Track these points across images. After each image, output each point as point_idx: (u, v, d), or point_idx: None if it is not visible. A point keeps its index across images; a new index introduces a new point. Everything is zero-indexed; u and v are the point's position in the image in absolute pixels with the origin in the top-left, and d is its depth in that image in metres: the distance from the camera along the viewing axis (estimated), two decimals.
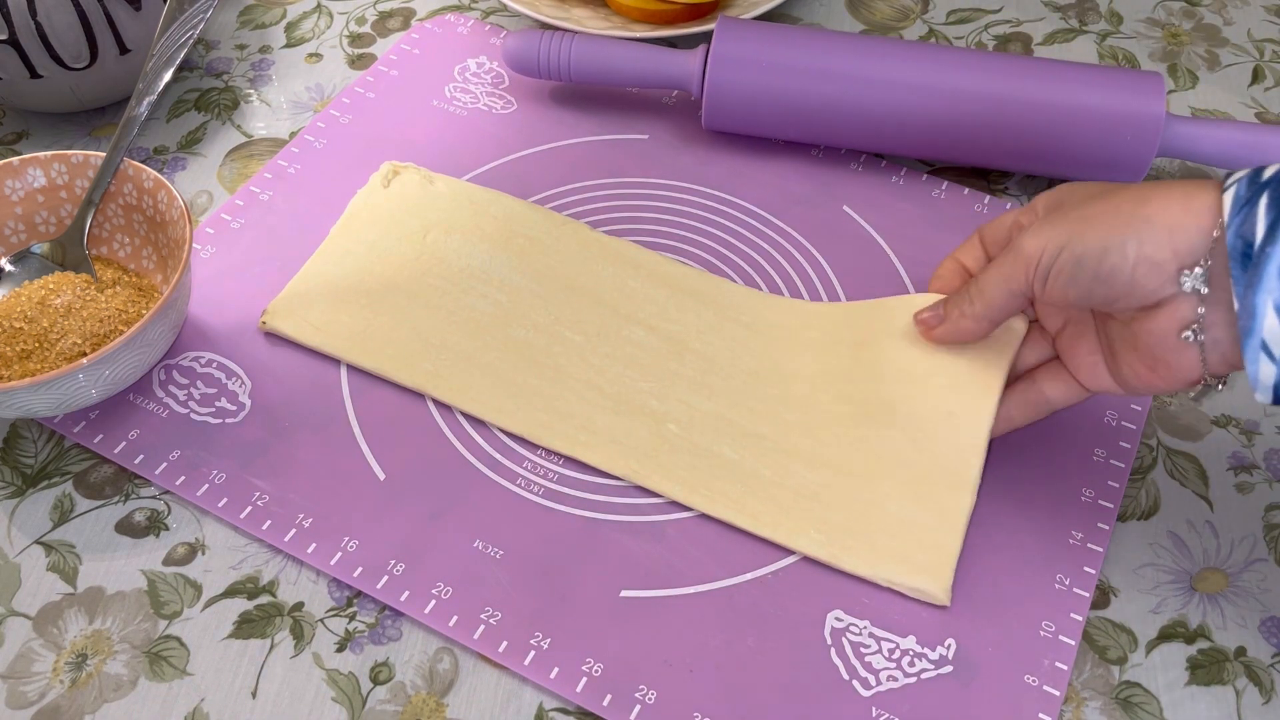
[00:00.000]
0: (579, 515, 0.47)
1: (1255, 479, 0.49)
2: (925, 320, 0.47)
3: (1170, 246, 0.38)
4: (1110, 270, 0.39)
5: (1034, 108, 0.55)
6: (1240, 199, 0.36)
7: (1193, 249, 0.37)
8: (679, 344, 0.52)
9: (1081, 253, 0.40)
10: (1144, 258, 0.38)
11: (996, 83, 0.56)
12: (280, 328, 0.52)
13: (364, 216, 0.57)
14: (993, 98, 0.56)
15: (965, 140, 0.57)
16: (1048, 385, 0.45)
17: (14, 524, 0.47)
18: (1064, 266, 0.40)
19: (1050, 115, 0.55)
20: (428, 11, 0.70)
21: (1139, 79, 0.56)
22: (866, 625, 0.44)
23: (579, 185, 0.60)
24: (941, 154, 0.58)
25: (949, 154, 0.58)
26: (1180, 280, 0.38)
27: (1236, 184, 0.37)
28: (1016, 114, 0.56)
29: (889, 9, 0.70)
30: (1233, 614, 0.45)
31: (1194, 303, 0.38)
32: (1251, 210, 0.36)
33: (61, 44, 0.57)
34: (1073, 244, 0.40)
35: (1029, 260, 0.41)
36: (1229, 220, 0.36)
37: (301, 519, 0.47)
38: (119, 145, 0.52)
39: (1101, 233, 0.39)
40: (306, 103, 0.65)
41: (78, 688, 0.43)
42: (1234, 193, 0.37)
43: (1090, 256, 0.39)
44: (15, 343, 0.48)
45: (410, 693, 0.43)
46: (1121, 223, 0.39)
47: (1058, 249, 0.40)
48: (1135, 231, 0.38)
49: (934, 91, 0.56)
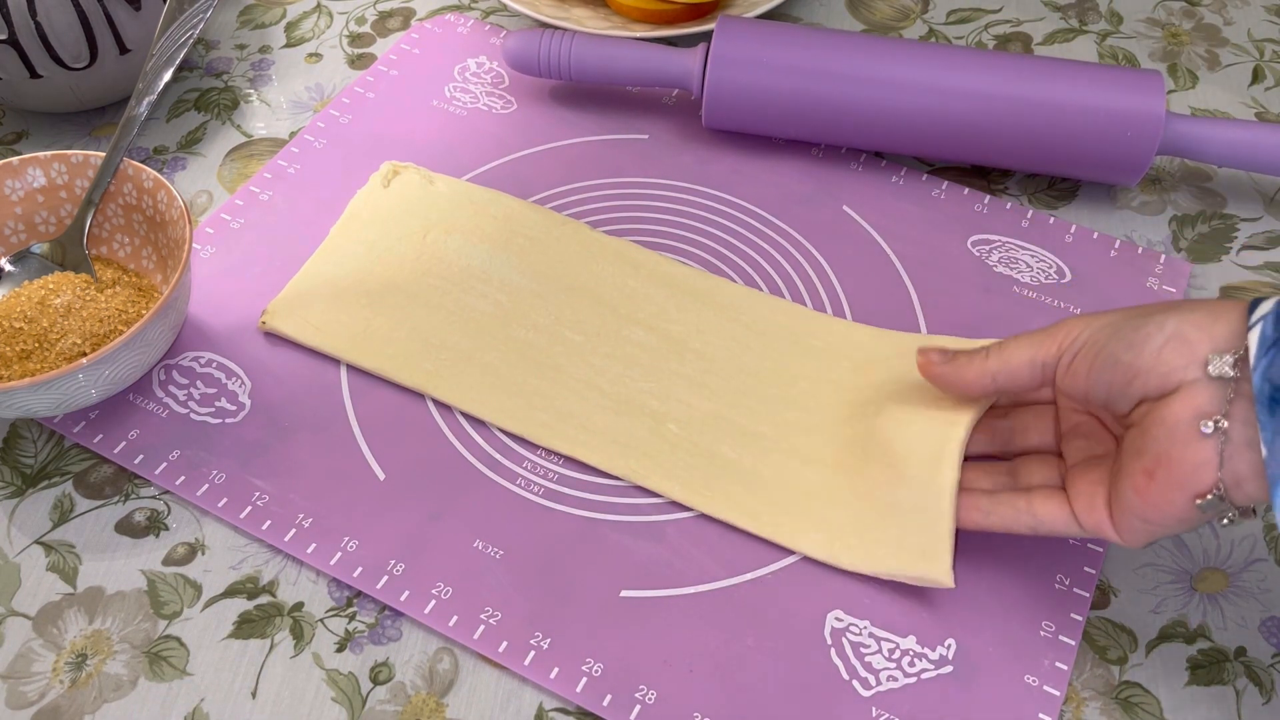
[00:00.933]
0: (579, 515, 0.47)
1: None
2: (930, 357, 0.44)
3: (1208, 331, 0.37)
4: (1143, 339, 0.38)
5: (1034, 106, 0.55)
6: (1267, 339, 0.35)
7: (1229, 338, 0.36)
8: (679, 344, 0.52)
9: (1121, 322, 0.39)
10: (1178, 333, 0.37)
11: (996, 81, 0.56)
12: (280, 328, 0.52)
13: (364, 216, 0.57)
14: (992, 96, 0.56)
15: (965, 139, 0.57)
16: (1040, 504, 0.42)
17: (14, 524, 0.47)
18: (1097, 338, 0.39)
19: (1051, 114, 0.55)
20: (428, 11, 0.70)
21: (1139, 77, 0.55)
22: (866, 625, 0.44)
23: (579, 185, 0.60)
24: (942, 153, 0.58)
25: (949, 153, 0.58)
26: (1208, 364, 0.36)
27: (1262, 322, 0.35)
28: (1017, 113, 0.55)
29: (889, 9, 0.70)
30: (1233, 614, 0.45)
31: (1216, 393, 0.36)
32: (1278, 352, 0.35)
33: (61, 44, 0.57)
34: (1115, 320, 0.39)
35: (1066, 333, 0.40)
36: (1255, 363, 0.35)
37: (301, 519, 0.47)
38: (119, 145, 0.52)
39: (1144, 311, 0.39)
40: (306, 103, 0.65)
41: (78, 688, 0.43)
42: (1260, 332, 0.35)
43: (1128, 326, 0.38)
44: (15, 343, 0.48)
45: (410, 693, 0.43)
46: (1163, 307, 0.38)
47: (1099, 327, 0.40)
48: (1176, 309, 0.38)
49: (934, 90, 0.56)
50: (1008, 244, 0.57)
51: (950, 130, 0.56)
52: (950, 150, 0.58)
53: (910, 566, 0.43)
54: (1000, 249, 0.56)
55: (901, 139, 0.58)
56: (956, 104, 0.56)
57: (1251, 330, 0.35)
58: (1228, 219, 0.59)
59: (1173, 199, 0.60)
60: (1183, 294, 0.55)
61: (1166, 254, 0.57)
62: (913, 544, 0.43)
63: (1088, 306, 0.54)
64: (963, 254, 0.56)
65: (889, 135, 0.58)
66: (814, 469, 0.47)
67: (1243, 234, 0.58)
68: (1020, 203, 0.59)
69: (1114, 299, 0.54)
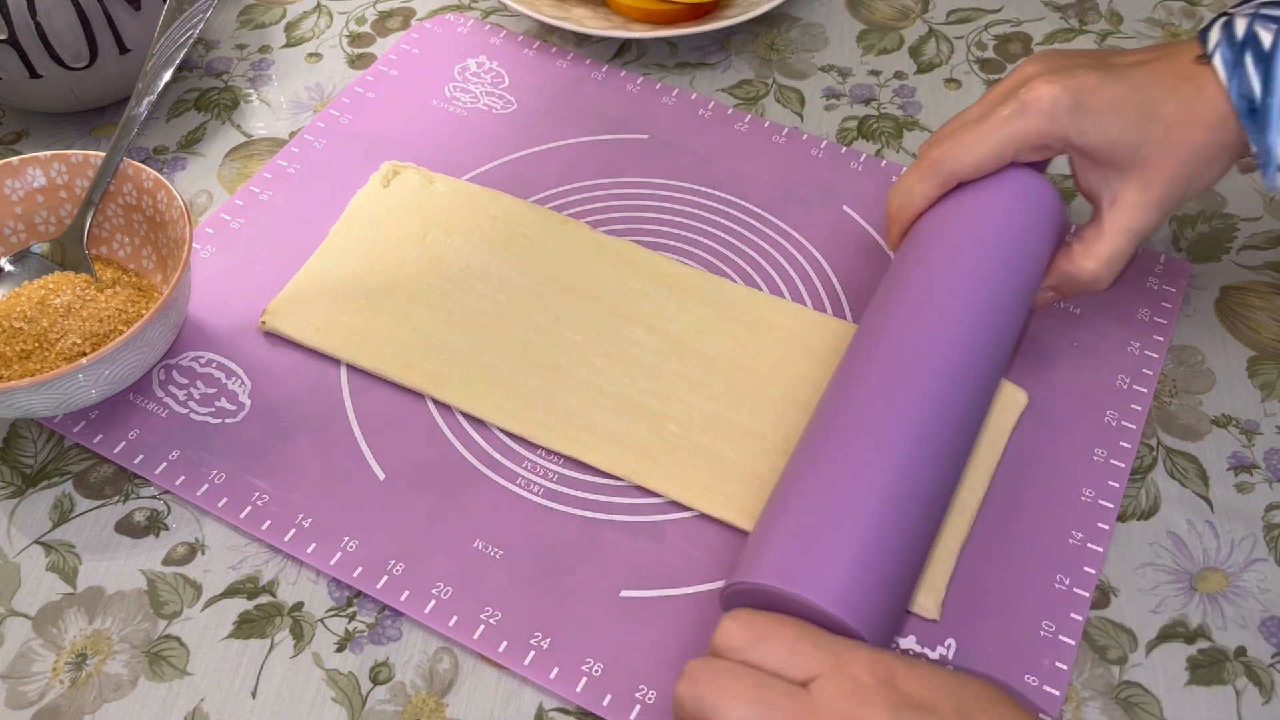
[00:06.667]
0: (579, 515, 0.47)
1: (1255, 479, 0.48)
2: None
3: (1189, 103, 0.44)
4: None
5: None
6: (1229, 62, 0.43)
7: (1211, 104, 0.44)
8: (679, 344, 0.52)
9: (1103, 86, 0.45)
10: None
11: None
12: (280, 328, 0.52)
13: (364, 216, 0.57)
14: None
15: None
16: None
17: (14, 524, 0.47)
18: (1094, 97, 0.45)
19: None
20: (428, 11, 0.70)
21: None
22: None
23: (579, 185, 0.60)
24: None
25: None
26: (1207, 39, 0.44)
27: (1220, 49, 0.43)
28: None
29: (889, 9, 0.70)
30: (1233, 614, 0.45)
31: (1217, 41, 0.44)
32: (1241, 70, 0.43)
33: (61, 44, 0.57)
34: (1094, 81, 0.45)
35: (1037, 101, 0.45)
36: (1227, 84, 0.43)
37: (301, 519, 0.47)
38: (119, 145, 0.52)
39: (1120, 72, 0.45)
40: (306, 103, 0.65)
41: (78, 688, 0.43)
42: (1221, 58, 0.43)
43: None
44: (15, 343, 0.48)
45: (410, 693, 0.43)
46: (1133, 68, 0.45)
47: (1082, 87, 0.45)
48: (1147, 77, 0.45)
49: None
50: None
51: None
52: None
53: None
54: None
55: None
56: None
57: (1213, 59, 0.43)
58: (1228, 219, 0.59)
59: None
60: (1182, 294, 0.55)
61: (1166, 254, 0.57)
62: None
63: (1088, 306, 0.54)
64: None
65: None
66: None
67: (1243, 234, 0.58)
68: None
69: (1114, 299, 0.54)
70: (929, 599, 0.44)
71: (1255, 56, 0.43)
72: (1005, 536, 0.46)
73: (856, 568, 0.38)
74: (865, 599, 0.37)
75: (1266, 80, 0.42)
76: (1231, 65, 0.43)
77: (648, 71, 0.66)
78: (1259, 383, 0.52)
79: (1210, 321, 0.54)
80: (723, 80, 0.66)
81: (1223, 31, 0.44)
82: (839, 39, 0.68)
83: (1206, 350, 0.53)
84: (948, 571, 0.44)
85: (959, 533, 0.45)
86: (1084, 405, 0.50)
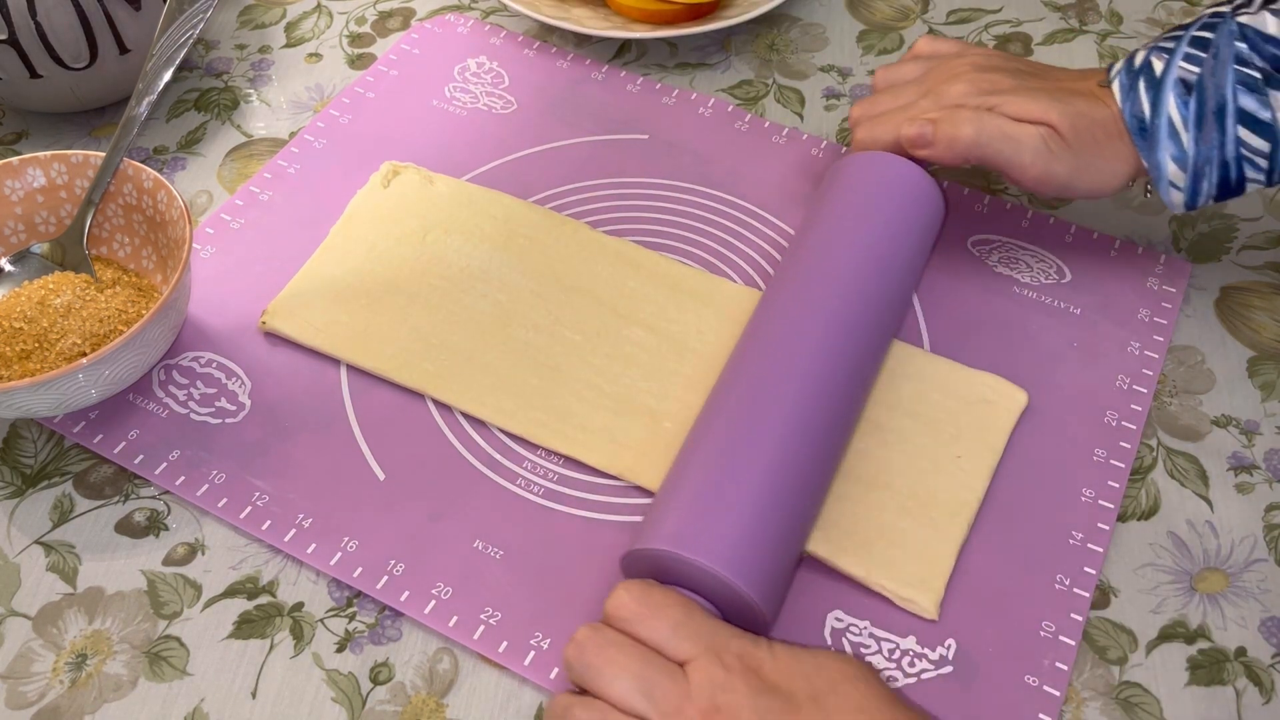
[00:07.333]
0: (579, 515, 0.47)
1: (1255, 479, 0.48)
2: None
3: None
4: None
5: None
6: (1125, 87, 0.49)
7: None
8: (679, 344, 0.52)
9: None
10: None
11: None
12: (280, 328, 0.52)
13: (364, 216, 0.57)
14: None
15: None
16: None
17: (14, 524, 0.47)
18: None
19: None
20: (428, 11, 0.70)
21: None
22: (866, 625, 0.44)
23: (579, 185, 0.60)
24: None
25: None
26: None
27: (1119, 76, 0.49)
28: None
29: (889, 9, 0.70)
30: (1233, 614, 0.45)
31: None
32: (1135, 94, 0.48)
33: (61, 44, 0.57)
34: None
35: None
36: (1122, 106, 0.48)
37: (301, 519, 0.47)
38: (119, 145, 0.52)
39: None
40: (306, 103, 0.65)
41: (77, 688, 0.43)
42: (1119, 83, 0.49)
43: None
44: (15, 343, 0.48)
45: (410, 693, 0.43)
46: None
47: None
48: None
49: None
50: (1008, 244, 0.57)
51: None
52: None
53: (902, 588, 0.44)
54: (1000, 249, 0.56)
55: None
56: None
57: (1113, 84, 0.49)
58: (1228, 219, 0.59)
59: None
60: (1182, 294, 0.55)
61: (1166, 254, 0.57)
62: (911, 570, 0.44)
63: (1088, 306, 0.54)
64: (963, 254, 0.56)
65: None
66: None
67: (1243, 234, 0.58)
68: (1020, 203, 0.59)
69: (1114, 299, 0.54)
70: (928, 599, 0.44)
71: (1147, 82, 0.48)
72: (1005, 536, 0.46)
73: (744, 532, 0.40)
74: (753, 562, 0.40)
75: (1155, 103, 0.48)
76: (1127, 90, 0.48)
77: (648, 71, 0.66)
78: (1259, 383, 0.52)
79: (1210, 321, 0.54)
80: (723, 80, 0.66)
81: (1125, 61, 0.49)
82: (839, 39, 0.68)
83: (1206, 350, 0.53)
84: (947, 571, 0.44)
85: (959, 533, 0.45)
86: (1084, 405, 0.50)
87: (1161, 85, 0.48)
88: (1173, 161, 0.48)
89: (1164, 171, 0.48)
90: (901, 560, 0.45)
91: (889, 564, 0.44)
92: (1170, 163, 0.48)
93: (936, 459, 0.47)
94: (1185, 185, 0.48)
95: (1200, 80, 0.47)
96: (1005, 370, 0.51)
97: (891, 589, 0.44)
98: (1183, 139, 0.47)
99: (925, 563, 0.45)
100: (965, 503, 0.46)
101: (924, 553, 0.45)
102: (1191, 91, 0.47)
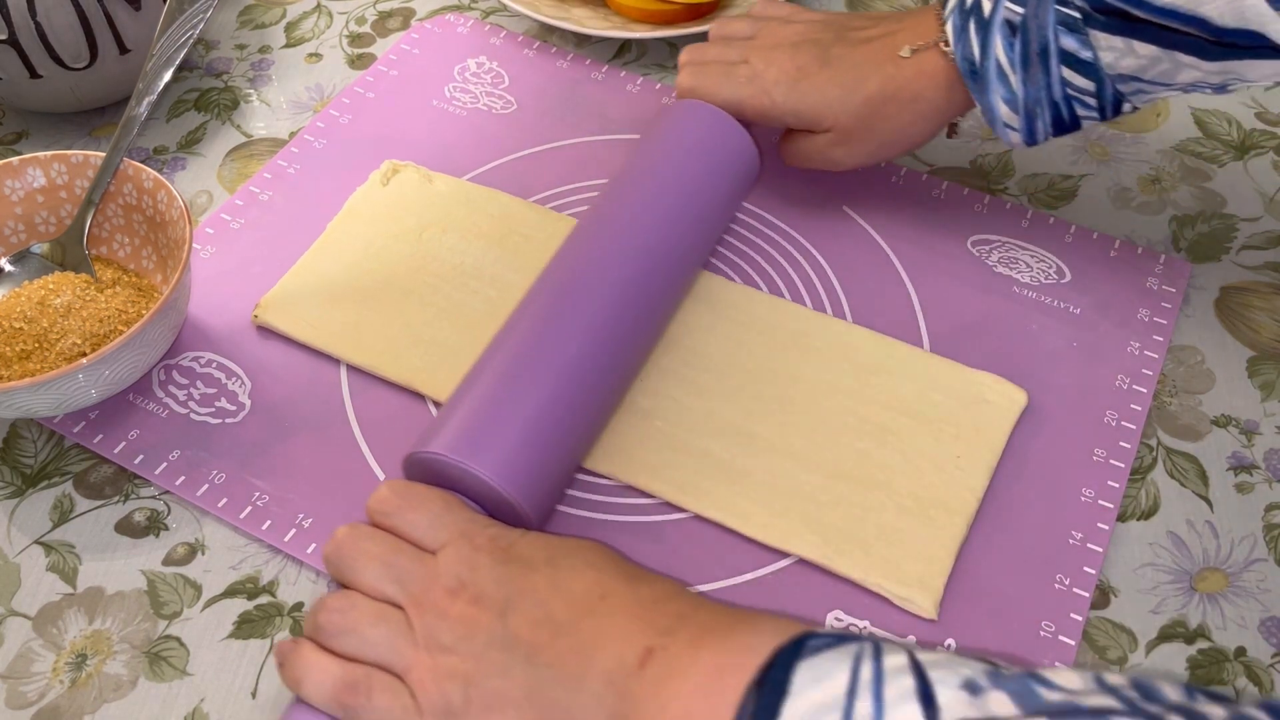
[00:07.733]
0: (579, 515, 0.47)
1: (1255, 479, 0.49)
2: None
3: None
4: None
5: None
6: (957, 28, 0.49)
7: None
8: (674, 342, 0.52)
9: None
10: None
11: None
12: (272, 322, 0.52)
13: (362, 214, 0.57)
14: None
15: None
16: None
17: (14, 524, 0.47)
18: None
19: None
20: (428, 11, 0.70)
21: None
22: (866, 625, 0.44)
23: (579, 185, 0.60)
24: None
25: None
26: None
27: (952, 16, 0.49)
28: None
29: (888, 9, 0.70)
30: (1233, 614, 0.45)
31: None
32: (965, 35, 0.48)
33: (61, 44, 0.57)
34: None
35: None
36: (954, 48, 0.49)
37: (301, 519, 0.47)
38: (119, 145, 0.52)
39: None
40: (306, 103, 0.65)
41: (77, 688, 0.43)
42: (952, 24, 0.49)
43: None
44: (15, 343, 0.48)
45: None
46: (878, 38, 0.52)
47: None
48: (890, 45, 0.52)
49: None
50: (1008, 244, 0.57)
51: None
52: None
53: (901, 588, 0.44)
54: (1000, 249, 0.56)
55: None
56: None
57: (946, 24, 0.49)
58: (1227, 219, 0.59)
59: (1172, 199, 0.60)
60: (1182, 294, 0.55)
61: (1166, 254, 0.57)
62: (910, 570, 0.44)
63: (1087, 306, 0.54)
64: (963, 254, 0.56)
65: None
66: (811, 473, 0.47)
67: (1243, 234, 0.58)
68: (1020, 203, 0.59)
69: (1114, 299, 0.54)
70: (927, 599, 0.44)
71: (977, 23, 0.48)
72: (1005, 536, 0.46)
73: (515, 441, 0.42)
74: (521, 468, 0.42)
75: (984, 45, 0.48)
76: (959, 30, 0.48)
77: (648, 71, 0.66)
78: (1259, 383, 0.52)
79: (1210, 321, 0.54)
80: None
81: (957, 3, 0.49)
82: None
83: (1206, 350, 0.53)
84: (947, 571, 0.44)
85: (958, 533, 0.45)
86: (1084, 405, 0.50)
87: (989, 26, 0.47)
88: (1004, 103, 0.48)
89: (997, 114, 0.49)
90: (901, 560, 0.45)
91: (888, 564, 0.44)
92: (1002, 104, 0.48)
93: (936, 459, 0.47)
94: (1020, 125, 0.49)
95: (1024, 21, 0.47)
96: (1005, 370, 0.51)
97: (891, 589, 0.44)
98: (1011, 80, 0.48)
99: (924, 563, 0.45)
100: (965, 502, 0.46)
101: (923, 553, 0.45)
102: (1016, 33, 0.47)
